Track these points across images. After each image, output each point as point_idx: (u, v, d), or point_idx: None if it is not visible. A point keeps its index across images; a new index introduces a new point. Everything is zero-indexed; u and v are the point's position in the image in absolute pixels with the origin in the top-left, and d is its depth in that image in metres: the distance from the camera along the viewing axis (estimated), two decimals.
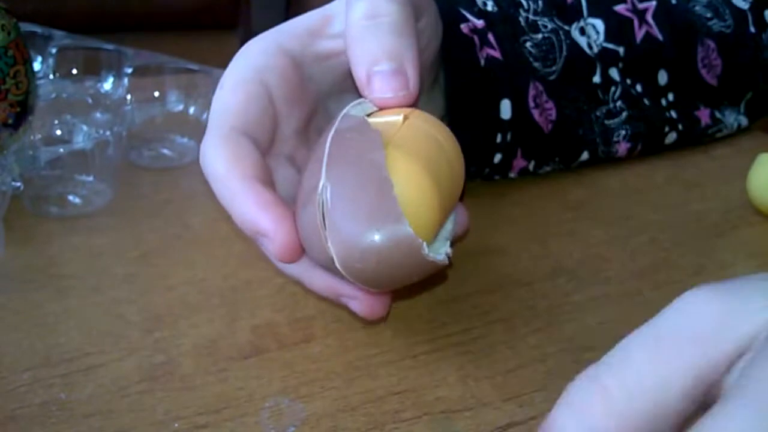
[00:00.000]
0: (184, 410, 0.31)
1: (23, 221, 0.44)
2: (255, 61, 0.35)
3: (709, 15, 0.51)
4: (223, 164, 0.32)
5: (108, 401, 0.31)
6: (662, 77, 0.50)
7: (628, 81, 0.49)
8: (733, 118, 0.54)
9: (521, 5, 0.47)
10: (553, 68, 0.46)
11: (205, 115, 0.54)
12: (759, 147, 0.50)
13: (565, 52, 0.46)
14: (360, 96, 0.34)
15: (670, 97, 0.51)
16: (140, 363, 0.34)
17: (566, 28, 0.47)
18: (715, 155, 0.53)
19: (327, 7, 0.38)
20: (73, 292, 0.38)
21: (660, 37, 0.50)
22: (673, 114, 0.51)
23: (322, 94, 0.38)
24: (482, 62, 0.44)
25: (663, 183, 0.51)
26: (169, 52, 0.57)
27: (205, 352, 0.35)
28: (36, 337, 0.35)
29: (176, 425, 0.30)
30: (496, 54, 0.45)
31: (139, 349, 0.35)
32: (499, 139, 0.45)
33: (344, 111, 0.32)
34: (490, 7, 0.46)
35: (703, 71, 0.51)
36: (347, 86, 0.37)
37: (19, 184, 0.41)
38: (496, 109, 0.45)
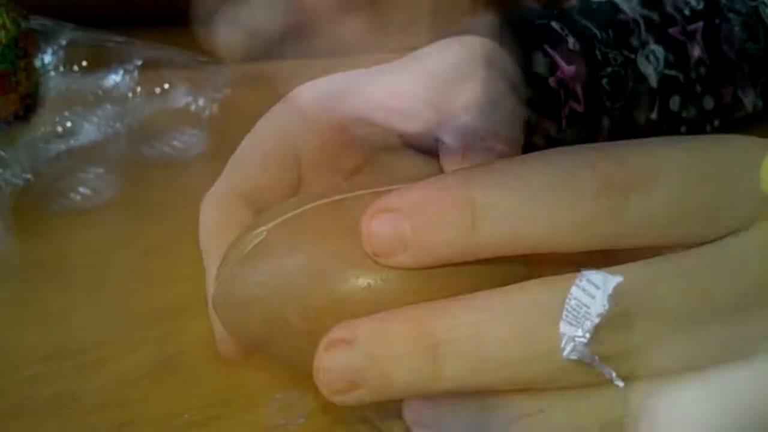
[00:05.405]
0: (194, 401, 0.31)
1: (32, 214, 0.44)
2: (293, 124, 0.32)
3: (745, 36, 0.49)
4: (207, 227, 0.29)
5: (118, 392, 0.32)
6: (708, 103, 0.48)
7: (683, 109, 0.47)
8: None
9: (596, 36, 0.44)
10: (617, 105, 0.44)
11: (209, 110, 0.54)
12: None
13: (628, 92, 0.43)
14: (432, 156, 0.31)
15: (716, 123, 0.48)
16: (150, 355, 0.34)
17: (632, 57, 0.44)
18: None
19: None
20: (81, 285, 0.38)
21: (708, 60, 0.47)
22: None
23: (378, 149, 0.34)
24: (564, 122, 0.42)
25: None
26: (177, 45, 0.57)
27: (214, 345, 0.35)
28: (45, 330, 0.35)
29: (186, 416, 0.30)
30: (579, 108, 0.42)
31: (149, 341, 0.35)
32: None
33: None
34: (570, 44, 0.42)
35: (743, 96, 0.49)
36: (413, 144, 0.33)
37: (28, 176, 0.41)
38: None
